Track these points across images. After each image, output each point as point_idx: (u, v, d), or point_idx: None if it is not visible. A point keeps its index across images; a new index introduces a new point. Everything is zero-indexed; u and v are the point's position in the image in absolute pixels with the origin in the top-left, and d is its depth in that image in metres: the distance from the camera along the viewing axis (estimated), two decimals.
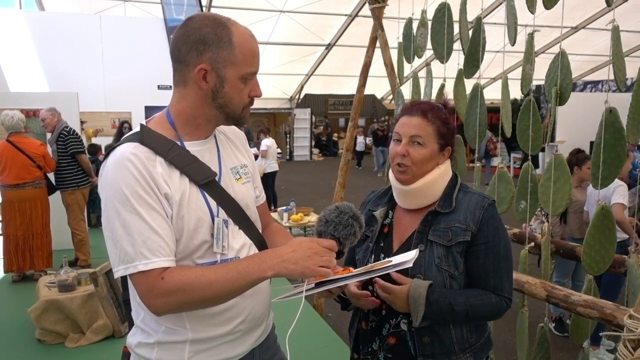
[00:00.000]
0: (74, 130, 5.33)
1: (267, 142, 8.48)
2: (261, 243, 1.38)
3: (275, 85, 17.40)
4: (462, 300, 1.42)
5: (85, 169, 5.34)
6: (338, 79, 18.10)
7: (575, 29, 14.49)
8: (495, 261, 1.46)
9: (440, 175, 1.52)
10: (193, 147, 1.27)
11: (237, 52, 1.22)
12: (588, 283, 2.11)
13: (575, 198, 3.93)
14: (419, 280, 1.43)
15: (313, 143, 19.66)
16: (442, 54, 2.67)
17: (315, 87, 18.55)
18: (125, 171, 1.15)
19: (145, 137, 1.21)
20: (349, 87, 18.13)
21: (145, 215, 1.14)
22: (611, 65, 1.98)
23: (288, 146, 18.86)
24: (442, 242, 1.45)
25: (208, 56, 1.20)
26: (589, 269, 2.06)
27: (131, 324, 1.35)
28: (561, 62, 2.11)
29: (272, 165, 8.40)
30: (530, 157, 2.26)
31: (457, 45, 2.64)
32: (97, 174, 5.15)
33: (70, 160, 5.27)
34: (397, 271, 1.46)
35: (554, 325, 4.22)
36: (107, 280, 3.83)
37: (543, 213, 4.11)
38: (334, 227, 1.32)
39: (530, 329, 2.36)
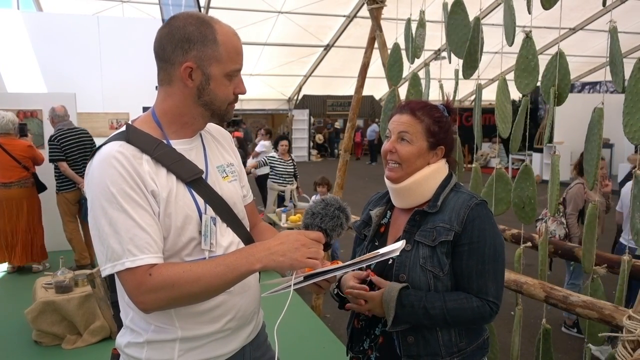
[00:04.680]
0: (57, 137, 5.22)
1: (265, 144, 8.48)
2: (249, 241, 1.38)
3: (273, 86, 17.39)
4: (438, 304, 1.40)
5: (67, 175, 5.26)
6: (336, 80, 18.10)
7: (574, 30, 14.52)
8: (479, 263, 1.42)
9: (430, 174, 1.51)
10: (179, 145, 1.27)
11: (222, 49, 1.22)
12: (594, 285, 2.10)
13: (592, 198, 3.94)
14: (394, 283, 1.43)
15: (312, 144, 19.67)
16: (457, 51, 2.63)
17: (313, 88, 18.55)
18: (111, 169, 1.15)
19: (131, 136, 1.21)
20: (347, 88, 18.13)
21: (132, 213, 1.14)
22: (608, 67, 1.97)
23: None
24: (427, 243, 1.44)
25: (193, 54, 1.20)
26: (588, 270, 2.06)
27: (120, 325, 1.34)
28: (559, 62, 2.11)
29: (264, 168, 8.38)
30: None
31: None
32: None
33: (55, 164, 5.31)
34: (382, 265, 1.47)
35: (575, 330, 4.19)
36: (104, 282, 3.81)
37: (561, 214, 4.11)
38: (320, 219, 1.33)
39: (532, 330, 2.36)
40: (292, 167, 6.98)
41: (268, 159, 7.00)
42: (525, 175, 2.32)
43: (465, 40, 2.50)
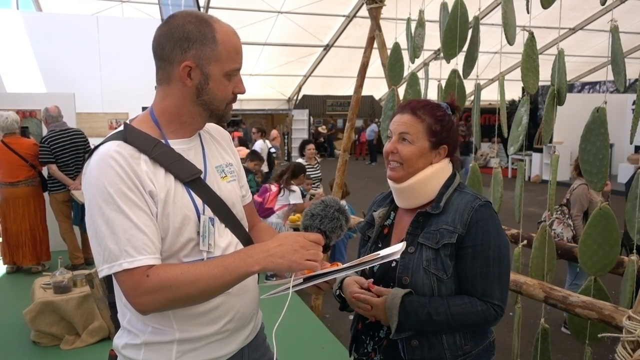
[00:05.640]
0: (48, 140, 5.23)
1: (260, 143, 8.52)
2: (248, 242, 1.37)
3: (273, 86, 17.40)
4: (442, 309, 1.38)
5: (57, 178, 5.28)
6: (336, 80, 18.11)
7: (573, 30, 14.52)
8: (483, 265, 1.40)
9: (433, 173, 1.49)
10: (177, 145, 1.26)
11: (221, 48, 1.21)
12: (589, 283, 2.09)
13: (595, 199, 3.93)
14: (398, 289, 1.41)
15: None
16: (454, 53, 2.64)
17: (313, 88, 18.56)
18: (109, 169, 1.14)
19: (129, 135, 1.20)
20: (347, 88, 18.13)
21: (129, 213, 1.12)
22: (609, 66, 1.97)
23: (286, 147, 18.85)
24: (430, 245, 1.42)
25: (192, 53, 1.19)
26: (587, 269, 2.05)
27: (118, 326, 1.33)
28: (558, 62, 2.10)
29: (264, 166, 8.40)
30: None
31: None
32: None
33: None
34: (385, 267, 1.46)
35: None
36: (102, 282, 3.81)
37: (567, 216, 4.10)
38: (319, 220, 1.32)
39: (531, 329, 2.35)
40: (319, 170, 7.02)
41: None
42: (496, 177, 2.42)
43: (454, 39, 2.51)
